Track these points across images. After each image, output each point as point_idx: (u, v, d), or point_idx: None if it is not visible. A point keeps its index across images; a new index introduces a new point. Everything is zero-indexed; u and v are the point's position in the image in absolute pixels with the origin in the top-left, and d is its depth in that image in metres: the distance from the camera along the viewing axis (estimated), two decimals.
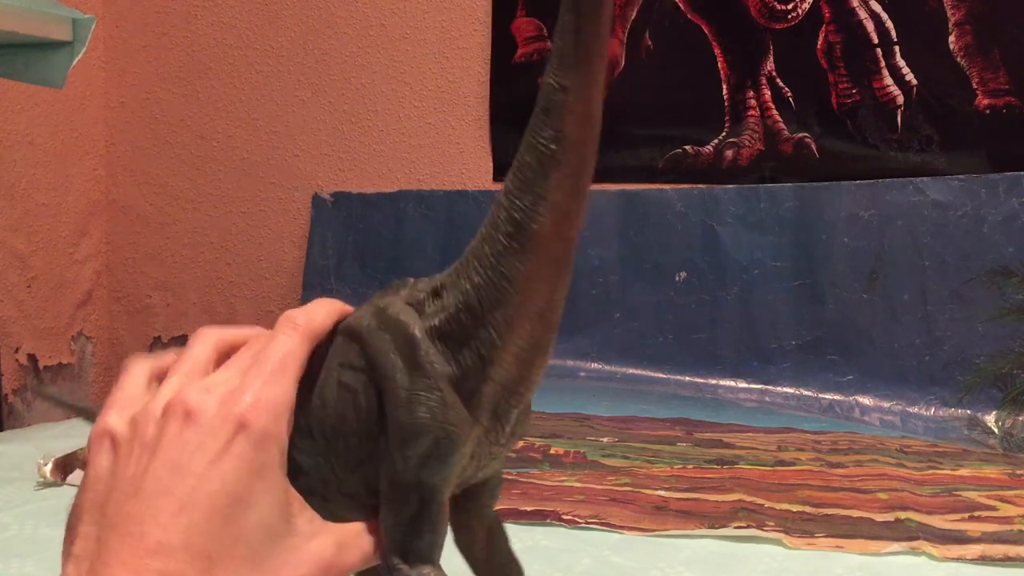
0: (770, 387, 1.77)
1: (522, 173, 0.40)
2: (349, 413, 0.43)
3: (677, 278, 1.86)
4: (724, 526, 0.95)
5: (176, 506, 0.39)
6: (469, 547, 0.49)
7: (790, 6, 1.84)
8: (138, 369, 0.45)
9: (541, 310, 0.42)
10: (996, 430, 1.62)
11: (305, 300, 2.03)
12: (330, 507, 0.44)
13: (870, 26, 1.81)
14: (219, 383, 0.42)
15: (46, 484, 1.05)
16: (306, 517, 0.42)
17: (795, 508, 1.02)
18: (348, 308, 0.46)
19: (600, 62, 0.39)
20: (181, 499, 0.39)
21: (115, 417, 0.43)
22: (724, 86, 1.88)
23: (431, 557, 0.43)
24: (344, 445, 0.43)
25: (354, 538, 0.43)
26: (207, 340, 0.45)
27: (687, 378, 1.81)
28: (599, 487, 1.08)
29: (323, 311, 0.45)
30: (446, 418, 0.42)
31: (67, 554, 0.40)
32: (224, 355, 0.45)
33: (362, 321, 0.43)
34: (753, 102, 1.87)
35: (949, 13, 1.76)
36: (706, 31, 1.88)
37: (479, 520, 0.49)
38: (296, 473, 0.43)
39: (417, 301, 0.43)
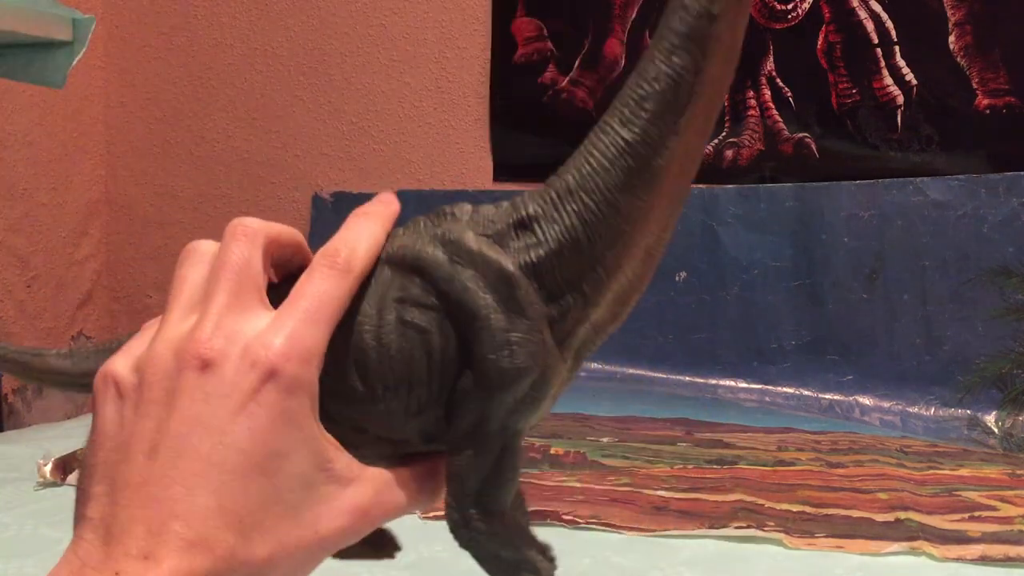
0: (770, 387, 1.77)
1: (648, 104, 0.37)
2: (419, 355, 0.39)
3: (677, 278, 1.86)
4: (724, 526, 0.95)
5: (201, 466, 0.35)
6: None
7: (790, 6, 1.84)
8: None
9: (650, 247, 0.40)
10: (996, 430, 1.62)
11: None
12: (362, 456, 0.40)
13: (870, 26, 1.81)
14: (236, 324, 0.37)
15: (46, 484, 1.05)
16: (343, 463, 0.38)
17: (795, 508, 1.02)
18: (390, 223, 0.42)
19: None
20: (206, 458, 0.36)
21: (121, 361, 0.38)
22: None
23: (507, 506, 0.41)
24: (409, 390, 0.39)
25: (396, 485, 0.40)
26: (202, 261, 0.40)
27: (687, 378, 1.81)
28: (599, 487, 1.08)
29: (365, 242, 0.40)
30: (548, 363, 0.39)
31: (81, 516, 0.37)
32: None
33: (426, 253, 0.39)
34: (753, 102, 1.87)
35: (949, 13, 1.76)
36: None
37: None
38: (323, 423, 0.39)
39: (495, 233, 0.39)
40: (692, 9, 0.37)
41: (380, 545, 0.48)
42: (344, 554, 0.49)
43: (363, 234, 0.41)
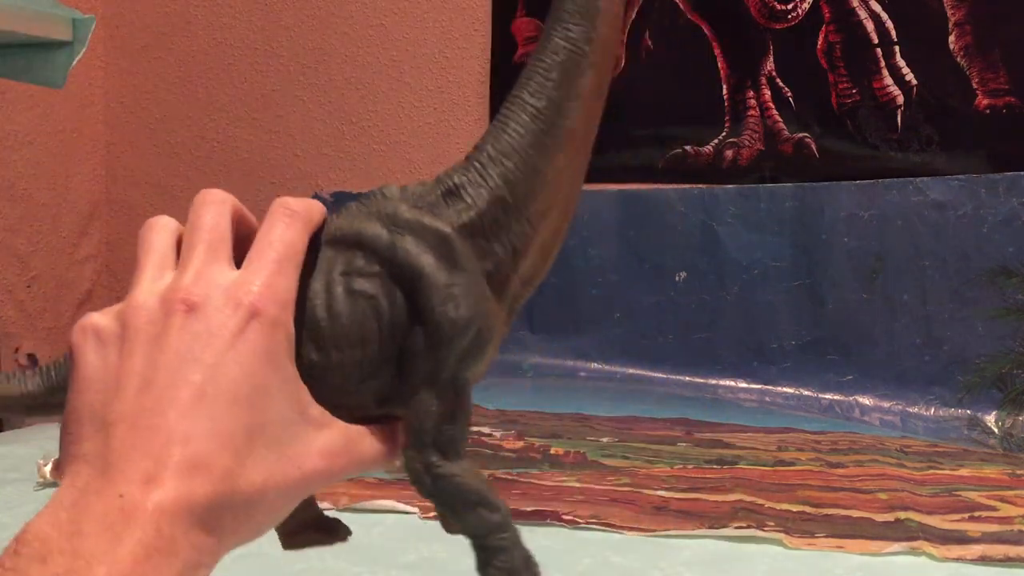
0: (770, 387, 1.77)
1: (552, 74, 0.43)
2: (370, 319, 0.42)
3: (677, 278, 1.86)
4: (724, 526, 0.95)
5: (195, 395, 0.37)
6: None
7: (790, 6, 1.84)
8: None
9: (567, 200, 0.45)
10: (996, 430, 1.62)
11: None
12: None
13: (870, 26, 1.81)
14: (214, 274, 0.40)
15: (46, 484, 1.05)
16: (317, 409, 0.41)
17: (795, 508, 1.02)
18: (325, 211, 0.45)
19: None
20: (199, 387, 0.37)
21: (97, 316, 0.41)
22: (724, 86, 1.88)
23: (463, 451, 0.44)
24: (363, 353, 0.43)
25: (362, 436, 0.43)
26: (166, 229, 0.43)
27: (687, 378, 1.80)
28: (599, 487, 1.08)
29: (316, 203, 0.44)
30: (488, 313, 0.43)
31: (73, 456, 0.38)
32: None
33: (365, 228, 0.43)
34: (753, 102, 1.87)
35: (949, 13, 1.76)
36: (706, 31, 1.88)
37: None
38: None
39: (428, 204, 0.44)
40: None
41: (332, 530, 0.51)
42: (297, 542, 0.50)
43: (309, 200, 0.44)
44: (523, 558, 0.46)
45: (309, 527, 0.49)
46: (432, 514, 0.45)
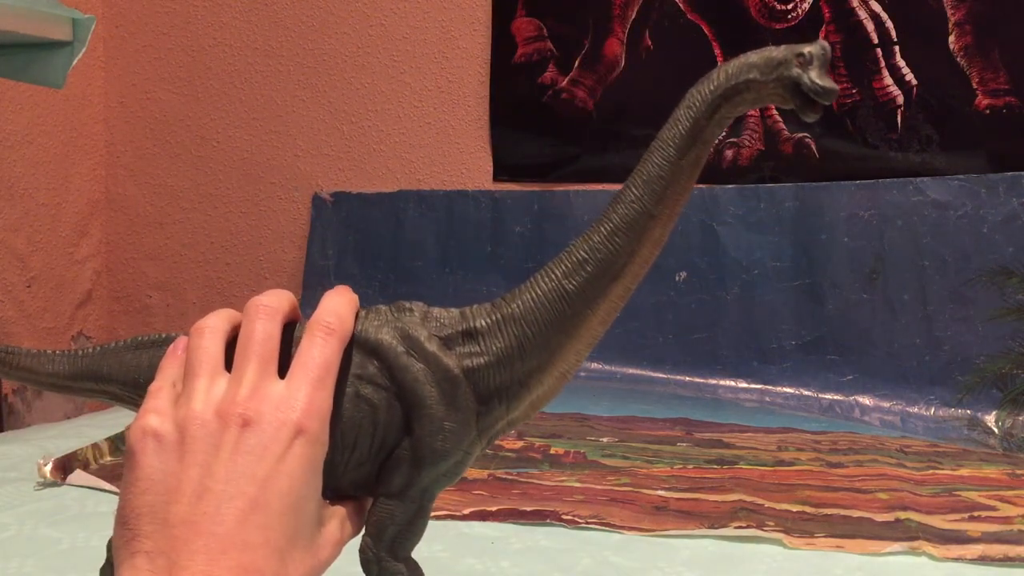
0: (770, 387, 1.77)
1: (588, 267, 0.47)
2: (366, 425, 0.48)
3: (677, 278, 1.86)
4: (724, 526, 0.95)
5: (249, 505, 0.43)
6: None
7: (790, 6, 1.84)
8: (165, 379, 0.48)
9: (565, 371, 0.50)
10: (996, 430, 1.62)
11: (305, 300, 2.03)
12: None
13: (870, 26, 1.81)
14: (266, 389, 0.45)
15: (46, 484, 1.05)
16: (326, 505, 0.48)
17: (795, 508, 1.02)
18: (357, 301, 0.50)
19: (686, 200, 0.47)
20: (253, 499, 0.43)
21: (155, 419, 0.45)
22: None
23: (410, 552, 0.51)
24: (352, 451, 0.48)
25: (346, 519, 0.49)
26: (216, 333, 0.48)
27: (687, 378, 1.80)
28: (599, 487, 1.08)
29: (349, 311, 0.49)
30: (469, 448, 0.49)
31: (134, 551, 0.42)
32: (230, 345, 0.48)
33: (385, 341, 0.48)
34: None
35: (949, 13, 1.76)
36: (706, 31, 1.88)
37: None
38: None
39: (446, 337, 0.49)
40: (638, 205, 0.47)
41: None
42: None
43: (343, 303, 0.49)
44: None
45: None
46: (432, 514, 0.48)
